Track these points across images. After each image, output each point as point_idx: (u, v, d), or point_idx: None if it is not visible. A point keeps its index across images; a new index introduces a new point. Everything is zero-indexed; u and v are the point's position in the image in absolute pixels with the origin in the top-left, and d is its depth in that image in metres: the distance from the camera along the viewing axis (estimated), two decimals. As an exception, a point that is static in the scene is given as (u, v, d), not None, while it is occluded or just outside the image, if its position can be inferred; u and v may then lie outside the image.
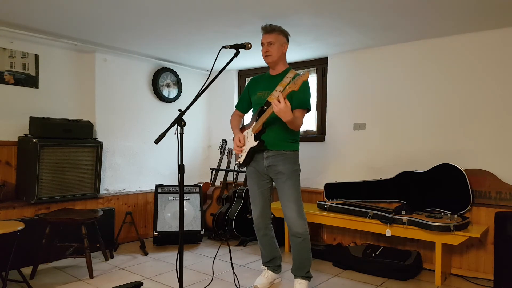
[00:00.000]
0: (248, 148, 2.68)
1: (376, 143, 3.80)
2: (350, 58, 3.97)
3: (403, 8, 2.77)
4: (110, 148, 4.08)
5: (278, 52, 2.64)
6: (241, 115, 2.95)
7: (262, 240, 2.88)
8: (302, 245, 2.65)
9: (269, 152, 2.65)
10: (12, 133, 3.47)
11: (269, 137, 2.62)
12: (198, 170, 5.05)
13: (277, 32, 2.63)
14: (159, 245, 3.93)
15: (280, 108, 2.32)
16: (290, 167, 2.64)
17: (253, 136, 2.64)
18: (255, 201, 2.81)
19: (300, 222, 2.62)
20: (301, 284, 2.67)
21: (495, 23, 3.07)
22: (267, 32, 2.64)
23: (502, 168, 3.13)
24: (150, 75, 4.48)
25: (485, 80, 3.24)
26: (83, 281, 2.93)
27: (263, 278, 2.86)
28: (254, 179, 2.78)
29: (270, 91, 2.64)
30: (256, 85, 2.82)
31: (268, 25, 2.64)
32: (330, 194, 3.88)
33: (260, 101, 2.69)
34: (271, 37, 2.62)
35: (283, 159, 2.63)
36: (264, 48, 2.66)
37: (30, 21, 3.19)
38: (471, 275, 3.13)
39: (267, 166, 2.67)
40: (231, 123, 2.91)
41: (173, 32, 3.41)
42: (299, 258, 2.69)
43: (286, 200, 2.63)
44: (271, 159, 2.65)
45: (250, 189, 2.83)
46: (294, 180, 2.64)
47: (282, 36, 2.66)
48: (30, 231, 2.96)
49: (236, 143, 2.73)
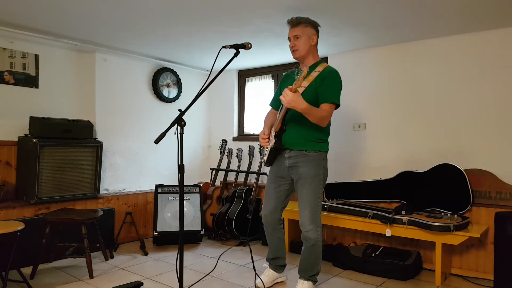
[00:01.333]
0: (270, 147, 2.62)
1: (376, 143, 3.80)
2: (350, 58, 3.97)
3: (403, 8, 2.77)
4: (110, 148, 4.08)
5: (306, 45, 2.52)
6: (275, 112, 2.82)
7: (270, 237, 2.83)
8: (311, 250, 2.59)
9: (291, 152, 2.56)
10: (12, 133, 3.47)
11: (290, 136, 2.53)
12: (198, 170, 5.05)
13: (304, 24, 2.51)
14: (159, 245, 3.93)
15: (287, 100, 2.24)
16: (311, 171, 2.51)
17: (274, 135, 2.57)
18: (268, 198, 2.76)
19: (312, 227, 2.53)
20: (303, 285, 2.65)
21: (495, 23, 3.07)
22: (293, 26, 2.53)
23: (502, 168, 3.13)
24: (150, 75, 4.48)
25: (485, 80, 3.24)
26: (83, 281, 2.93)
27: (264, 277, 2.86)
28: (272, 178, 2.73)
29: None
30: (287, 81, 2.73)
31: (294, 18, 2.52)
32: (330, 194, 3.88)
33: None
34: (297, 31, 2.51)
35: (304, 160, 2.52)
36: (290, 43, 2.54)
37: (30, 21, 3.19)
38: (471, 275, 3.13)
39: (288, 166, 2.59)
40: (265, 120, 2.83)
41: (173, 32, 3.42)
42: (306, 261, 2.66)
43: (302, 205, 2.57)
44: (292, 159, 2.56)
45: (267, 186, 2.78)
46: (313, 186, 2.52)
47: (310, 28, 2.53)
48: (30, 231, 2.96)
49: (261, 136, 2.65)
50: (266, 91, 4.76)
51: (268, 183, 2.78)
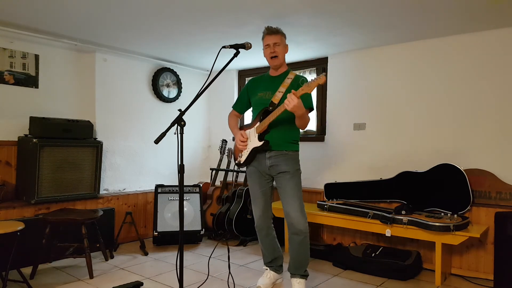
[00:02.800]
0: (250, 148, 2.68)
1: (376, 143, 3.80)
2: (350, 58, 3.97)
3: (403, 8, 2.77)
4: (110, 148, 4.08)
5: (283, 53, 2.67)
6: (238, 115, 2.95)
7: (264, 241, 2.87)
8: (303, 244, 2.64)
9: (272, 152, 2.65)
10: (12, 133, 3.47)
11: (273, 137, 2.62)
12: (198, 170, 5.05)
13: (281, 34, 2.65)
14: (159, 245, 3.93)
15: (292, 105, 2.32)
16: (293, 167, 2.65)
17: (257, 136, 2.63)
18: (256, 201, 2.80)
19: (303, 220, 2.62)
20: (300, 284, 2.67)
21: (496, 23, 3.07)
22: (273, 33, 2.62)
23: (502, 168, 3.13)
24: (150, 75, 4.48)
25: (485, 80, 3.24)
26: (83, 281, 2.93)
27: (265, 279, 2.85)
28: (255, 179, 2.77)
29: (272, 91, 2.63)
30: (255, 86, 2.81)
31: (272, 27, 2.65)
32: (330, 194, 3.88)
33: (262, 101, 2.68)
34: (277, 38, 2.61)
35: (285, 159, 2.64)
36: (270, 49, 2.63)
37: (30, 21, 3.19)
38: (471, 275, 3.13)
39: (270, 166, 2.67)
40: (229, 123, 2.91)
41: (173, 32, 3.42)
42: (298, 256, 2.68)
43: (290, 198, 2.62)
44: (273, 159, 2.65)
45: (251, 189, 2.81)
46: (297, 179, 2.66)
47: (284, 38, 2.68)
48: (30, 231, 2.96)
49: (240, 139, 2.71)
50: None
51: (252, 185, 2.80)
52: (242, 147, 2.73)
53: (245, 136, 2.71)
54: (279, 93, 2.60)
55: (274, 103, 2.58)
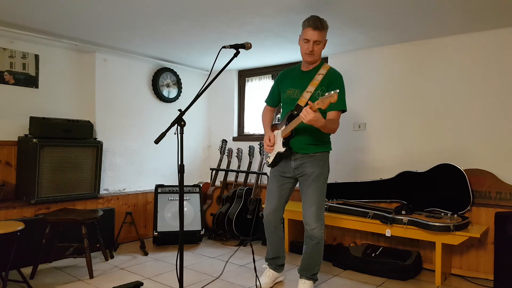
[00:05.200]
0: (275, 152, 2.65)
1: (376, 143, 3.80)
2: (350, 58, 3.97)
3: (403, 8, 2.77)
4: (110, 148, 4.08)
5: (321, 51, 2.54)
6: (272, 109, 2.88)
7: (270, 237, 2.84)
8: (315, 249, 2.61)
9: (297, 155, 2.60)
10: (12, 133, 3.47)
11: (298, 142, 2.57)
12: (198, 170, 5.05)
13: (325, 30, 2.48)
14: (159, 245, 3.93)
15: (307, 119, 2.23)
16: (318, 170, 2.57)
17: (282, 141, 2.59)
18: (271, 196, 2.76)
19: (317, 225, 2.57)
20: (305, 284, 2.66)
21: (496, 23, 3.07)
22: (318, 29, 2.44)
23: (502, 168, 3.13)
24: (150, 75, 4.48)
25: (486, 79, 3.24)
26: (83, 281, 2.93)
27: (265, 278, 2.85)
28: (275, 177, 2.74)
29: (301, 89, 2.56)
30: (286, 80, 2.72)
31: (318, 20, 2.44)
32: (330, 194, 3.88)
33: (290, 100, 2.62)
34: (320, 36, 2.46)
35: (311, 161, 2.58)
36: (309, 46, 2.47)
37: (30, 21, 3.19)
38: (471, 275, 3.13)
39: (295, 167, 2.63)
40: (263, 119, 2.84)
41: (173, 32, 3.42)
42: (308, 260, 2.67)
43: (308, 203, 2.59)
44: (299, 161, 2.61)
45: (269, 185, 2.79)
46: (319, 184, 2.59)
47: (326, 33, 2.52)
48: (30, 231, 2.96)
49: (266, 142, 2.68)
50: (266, 91, 4.74)
51: (271, 181, 2.78)
52: (268, 150, 2.70)
53: (272, 140, 2.65)
54: (307, 93, 2.50)
55: (300, 106, 2.49)
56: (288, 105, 2.64)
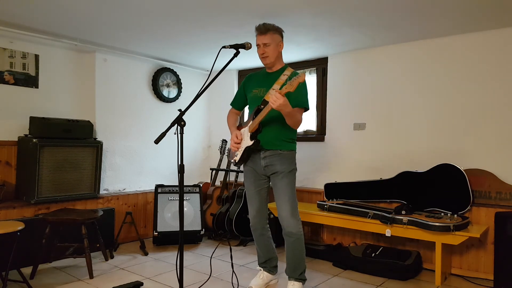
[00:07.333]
0: (244, 147, 2.66)
1: (376, 143, 3.80)
2: (350, 58, 3.97)
3: (403, 7, 2.77)
4: (110, 148, 4.08)
5: (275, 52, 2.61)
6: (237, 112, 2.93)
7: (258, 240, 2.86)
8: (295, 245, 2.63)
9: (266, 152, 2.63)
10: (12, 133, 3.47)
11: (266, 136, 2.59)
12: (198, 170, 5.05)
13: (272, 32, 2.58)
14: (159, 245, 3.93)
15: (277, 104, 2.28)
16: (287, 167, 2.62)
17: (249, 135, 2.62)
18: (251, 200, 2.79)
19: (293, 221, 2.59)
20: (294, 286, 2.65)
21: (496, 23, 3.07)
22: (262, 33, 2.58)
23: (502, 168, 3.13)
24: (150, 75, 4.48)
25: (486, 80, 3.24)
26: (83, 281, 2.93)
27: (258, 279, 2.85)
28: (251, 179, 2.76)
29: (266, 88, 2.61)
30: (251, 82, 2.79)
31: (262, 25, 2.58)
32: (330, 194, 3.88)
33: (256, 98, 2.66)
34: (266, 38, 2.57)
35: (280, 158, 2.62)
36: (260, 50, 2.62)
37: (30, 21, 3.19)
38: (471, 275, 3.13)
39: (265, 166, 2.66)
40: (228, 121, 2.89)
41: (173, 32, 3.42)
42: (292, 258, 2.67)
43: (281, 199, 2.62)
44: (268, 159, 2.64)
45: (247, 189, 2.80)
46: (290, 179, 2.62)
47: (277, 35, 2.61)
48: (30, 231, 2.96)
49: (233, 140, 2.69)
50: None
51: (247, 185, 2.79)
52: (234, 148, 2.72)
53: (239, 137, 2.68)
54: (273, 91, 2.55)
55: (266, 101, 2.52)
56: (254, 104, 2.67)
